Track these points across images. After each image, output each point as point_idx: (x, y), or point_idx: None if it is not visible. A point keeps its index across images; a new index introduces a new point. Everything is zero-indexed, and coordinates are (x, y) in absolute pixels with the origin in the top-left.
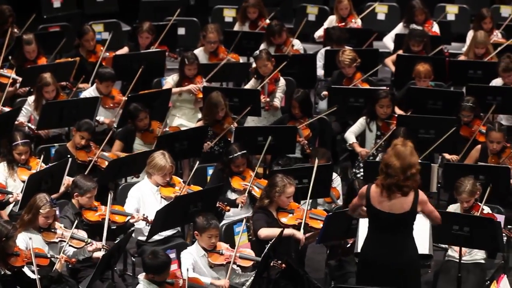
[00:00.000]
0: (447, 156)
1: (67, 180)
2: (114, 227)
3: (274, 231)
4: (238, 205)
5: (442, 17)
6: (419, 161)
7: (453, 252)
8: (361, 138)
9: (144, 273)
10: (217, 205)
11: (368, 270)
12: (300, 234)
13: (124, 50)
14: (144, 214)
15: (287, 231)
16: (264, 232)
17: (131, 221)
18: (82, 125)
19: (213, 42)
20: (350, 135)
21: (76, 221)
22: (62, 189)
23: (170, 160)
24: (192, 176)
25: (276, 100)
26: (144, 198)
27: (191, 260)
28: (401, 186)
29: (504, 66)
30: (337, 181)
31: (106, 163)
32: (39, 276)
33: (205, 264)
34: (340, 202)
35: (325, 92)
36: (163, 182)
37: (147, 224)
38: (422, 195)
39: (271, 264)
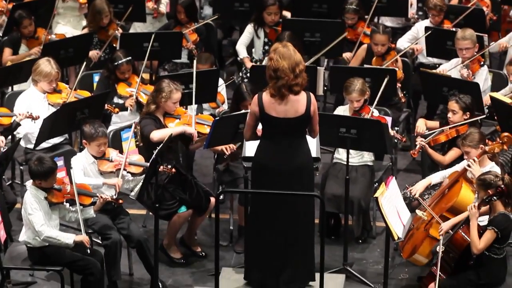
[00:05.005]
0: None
1: None
2: None
3: (167, 132)
4: (127, 108)
5: None
6: (308, 65)
7: (340, 154)
8: (249, 45)
9: (31, 180)
10: (106, 107)
11: (262, 175)
12: (191, 129)
13: None
14: (28, 112)
15: (179, 128)
16: (156, 134)
17: (16, 120)
18: None
19: None
20: (241, 48)
21: None
22: None
23: (56, 67)
24: (78, 82)
25: (161, 6)
26: (32, 106)
27: (81, 165)
28: (292, 86)
29: None
30: (222, 85)
31: None
32: None
33: (95, 171)
34: (225, 106)
35: None
36: (50, 88)
37: (33, 120)
38: (314, 98)
39: (161, 169)
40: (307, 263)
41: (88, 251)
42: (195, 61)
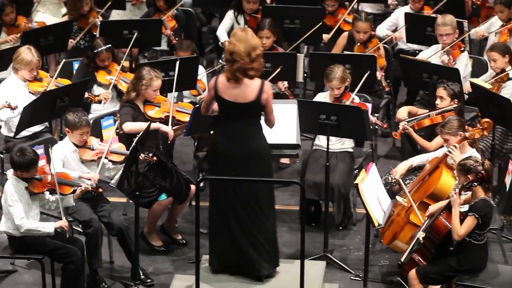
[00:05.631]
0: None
1: None
2: None
3: (139, 125)
4: (101, 101)
5: None
6: (288, 51)
7: (320, 141)
8: (230, 31)
9: (12, 170)
10: (86, 95)
11: (219, 159)
12: (167, 128)
13: None
14: (6, 101)
15: (154, 125)
16: (128, 126)
17: None
18: None
19: None
20: (222, 33)
21: None
22: None
23: (37, 55)
24: (58, 71)
25: None
26: (13, 94)
27: (62, 155)
28: (247, 69)
29: None
30: (202, 73)
31: None
32: None
33: (76, 160)
34: (206, 94)
35: None
36: (31, 76)
37: (12, 110)
38: (267, 87)
39: (142, 158)
40: (270, 250)
41: (67, 235)
42: (176, 48)
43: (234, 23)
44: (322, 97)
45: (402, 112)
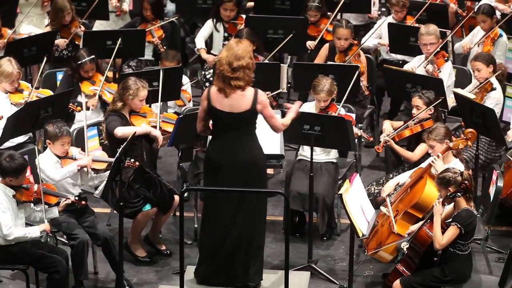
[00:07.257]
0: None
1: None
2: None
3: (131, 129)
4: (89, 108)
5: None
6: (267, 61)
7: (304, 151)
8: (210, 39)
9: (0, 178)
10: (69, 106)
11: (211, 169)
12: (157, 132)
13: None
14: None
15: (144, 128)
16: (120, 130)
17: None
18: None
19: None
20: (199, 40)
21: None
22: None
23: (17, 66)
24: (41, 81)
25: (124, 5)
26: None
27: (50, 163)
28: (229, 78)
29: None
30: (187, 83)
31: None
32: None
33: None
34: (191, 104)
35: None
36: (12, 88)
37: None
38: (262, 96)
39: (126, 164)
40: (257, 262)
41: (48, 239)
42: (162, 58)
43: (214, 31)
44: (308, 107)
45: (388, 127)
